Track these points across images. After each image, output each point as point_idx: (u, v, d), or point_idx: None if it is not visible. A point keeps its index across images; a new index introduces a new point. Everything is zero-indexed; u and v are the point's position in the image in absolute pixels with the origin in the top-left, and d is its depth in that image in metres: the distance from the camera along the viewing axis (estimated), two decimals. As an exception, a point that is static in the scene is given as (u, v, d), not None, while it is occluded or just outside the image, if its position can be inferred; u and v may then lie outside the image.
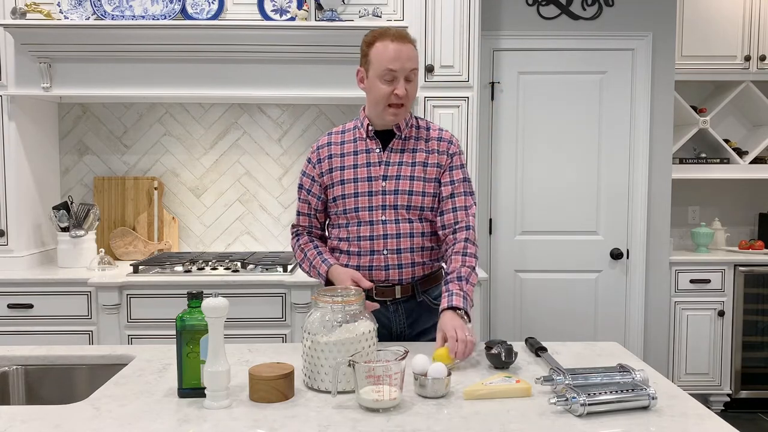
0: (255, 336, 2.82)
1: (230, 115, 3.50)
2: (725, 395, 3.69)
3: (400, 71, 1.82)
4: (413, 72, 1.86)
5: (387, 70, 1.82)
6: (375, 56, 1.84)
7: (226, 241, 3.53)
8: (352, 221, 1.92)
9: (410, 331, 1.97)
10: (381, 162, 1.92)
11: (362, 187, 1.91)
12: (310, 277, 2.02)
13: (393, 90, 1.83)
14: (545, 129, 3.55)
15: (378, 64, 1.83)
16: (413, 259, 1.91)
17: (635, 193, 3.56)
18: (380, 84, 1.84)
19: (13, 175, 3.04)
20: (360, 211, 1.90)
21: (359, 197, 1.90)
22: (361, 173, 1.91)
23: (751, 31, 3.75)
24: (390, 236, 1.89)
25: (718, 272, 3.63)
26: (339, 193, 1.92)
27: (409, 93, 1.86)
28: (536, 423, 1.30)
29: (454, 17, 3.04)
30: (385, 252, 1.89)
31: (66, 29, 2.89)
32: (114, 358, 1.76)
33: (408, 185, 1.90)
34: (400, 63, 1.82)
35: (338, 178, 1.93)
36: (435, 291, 1.99)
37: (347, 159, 1.94)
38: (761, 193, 4.11)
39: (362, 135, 1.95)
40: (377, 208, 1.90)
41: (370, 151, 1.93)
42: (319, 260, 1.93)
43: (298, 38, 2.93)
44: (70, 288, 2.87)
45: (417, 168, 1.92)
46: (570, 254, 3.58)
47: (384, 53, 1.82)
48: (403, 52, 1.83)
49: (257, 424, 1.29)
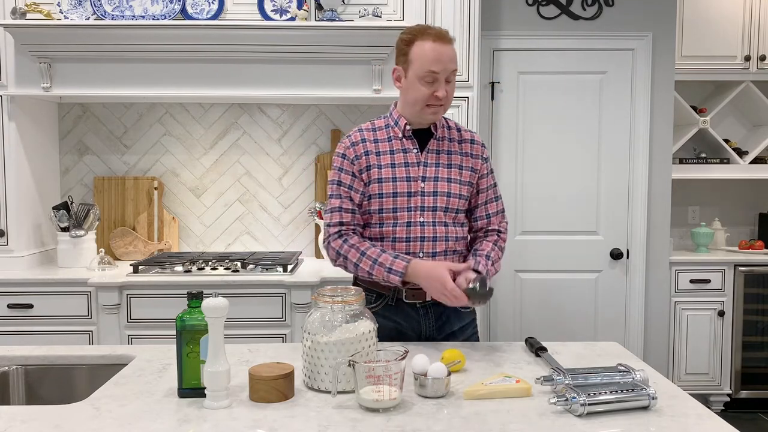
0: (255, 336, 2.82)
1: (230, 115, 3.50)
2: (725, 395, 3.69)
3: (441, 73, 1.79)
4: (453, 73, 1.83)
5: (429, 72, 1.79)
6: (415, 56, 1.80)
7: (226, 241, 3.53)
8: (387, 221, 1.88)
9: (438, 333, 1.93)
10: (419, 162, 1.89)
11: (401, 187, 1.86)
12: (367, 278, 1.87)
13: (433, 92, 1.80)
14: (545, 129, 3.55)
15: (419, 64, 1.79)
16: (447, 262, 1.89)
17: (635, 193, 3.56)
18: (420, 85, 1.81)
19: (13, 175, 3.04)
20: (398, 211, 1.86)
21: (398, 197, 1.86)
22: (400, 173, 1.87)
23: (751, 31, 3.75)
24: (426, 239, 1.87)
25: (718, 272, 3.63)
26: (375, 191, 1.87)
27: (448, 94, 1.83)
28: (536, 423, 1.30)
29: (454, 17, 3.04)
30: (421, 255, 1.86)
31: (66, 29, 2.89)
32: (114, 358, 1.76)
33: (446, 187, 1.88)
34: (443, 64, 1.79)
35: (375, 176, 1.87)
36: None
37: (384, 158, 1.88)
38: (761, 193, 4.11)
39: (397, 134, 1.91)
40: (416, 210, 1.86)
41: (408, 151, 1.89)
42: (389, 257, 1.81)
43: (298, 38, 2.93)
44: (70, 288, 2.87)
45: (453, 170, 1.90)
46: (570, 254, 3.58)
47: (426, 54, 1.78)
48: (446, 52, 1.80)
49: (257, 424, 1.29)
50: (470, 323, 1.99)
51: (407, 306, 1.90)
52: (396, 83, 1.90)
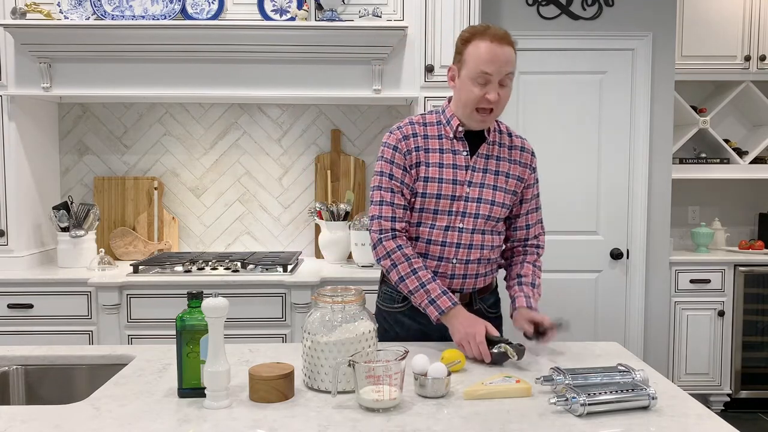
0: (255, 336, 2.82)
1: (230, 115, 3.50)
2: (725, 395, 3.69)
3: (495, 74, 1.72)
4: (509, 76, 1.75)
5: (481, 73, 1.72)
6: (470, 56, 1.74)
7: (226, 241, 3.53)
8: (425, 222, 1.84)
9: None
10: (468, 167, 1.83)
11: (446, 189, 1.81)
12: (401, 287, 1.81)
13: (484, 94, 1.73)
14: (545, 129, 3.54)
15: (472, 64, 1.73)
16: (478, 270, 1.87)
17: (635, 192, 3.56)
18: (472, 86, 1.74)
19: (13, 175, 3.04)
20: (439, 213, 1.82)
21: (441, 199, 1.81)
22: (447, 174, 1.81)
23: (751, 31, 3.75)
24: (462, 246, 1.83)
25: (718, 272, 3.63)
26: (420, 190, 1.81)
27: (501, 98, 1.76)
28: (536, 423, 1.29)
29: (454, 17, 3.04)
30: (454, 261, 1.84)
31: (66, 29, 2.89)
32: (114, 358, 1.76)
33: (491, 195, 1.83)
34: (496, 66, 1.71)
35: (422, 173, 1.81)
36: (490, 299, 1.97)
37: (432, 156, 1.82)
38: (761, 193, 4.11)
39: (448, 133, 1.84)
40: (457, 214, 1.82)
41: (457, 152, 1.83)
42: (437, 289, 1.77)
43: (298, 38, 2.93)
44: (70, 288, 2.87)
45: (500, 178, 1.85)
46: (570, 254, 3.58)
47: (480, 54, 1.72)
48: (501, 54, 1.72)
49: (257, 424, 1.29)
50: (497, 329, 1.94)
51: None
52: (450, 83, 1.84)
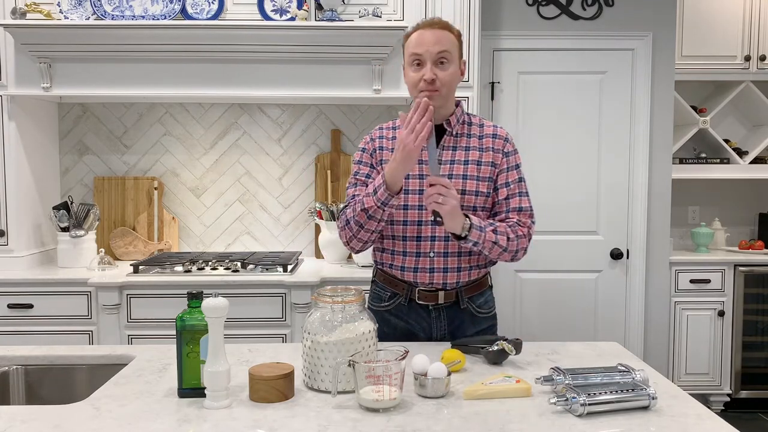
0: (255, 336, 2.82)
1: (230, 115, 3.50)
2: (725, 395, 3.69)
3: (425, 54, 1.78)
4: (444, 55, 1.78)
5: (413, 55, 1.80)
6: (407, 47, 1.85)
7: (226, 241, 3.53)
8: (398, 220, 1.85)
9: (451, 338, 1.90)
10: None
11: (413, 185, 1.83)
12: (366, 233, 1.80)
13: (421, 76, 1.78)
14: (545, 129, 3.55)
15: (407, 51, 1.84)
16: (459, 263, 1.85)
17: (635, 192, 3.56)
18: (410, 72, 1.82)
19: (13, 175, 3.04)
20: (409, 209, 1.84)
21: (409, 195, 1.83)
22: (412, 170, 1.83)
23: (751, 31, 3.75)
24: (438, 238, 1.83)
25: (718, 272, 3.63)
26: None
27: (440, 77, 1.78)
28: (536, 423, 1.29)
29: (454, 17, 3.04)
30: (432, 254, 1.83)
31: (66, 29, 2.89)
32: (114, 358, 1.76)
33: (461, 184, 1.83)
34: (425, 47, 1.78)
35: None
36: (480, 298, 1.93)
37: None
38: (761, 193, 4.11)
39: None
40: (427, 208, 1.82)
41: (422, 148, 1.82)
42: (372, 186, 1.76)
43: (298, 38, 2.93)
44: (70, 288, 2.87)
45: (470, 166, 1.85)
46: (570, 254, 3.58)
47: (411, 40, 1.82)
48: (430, 36, 1.78)
49: (257, 424, 1.29)
50: (488, 329, 1.95)
51: (420, 307, 1.89)
52: (404, 79, 1.90)
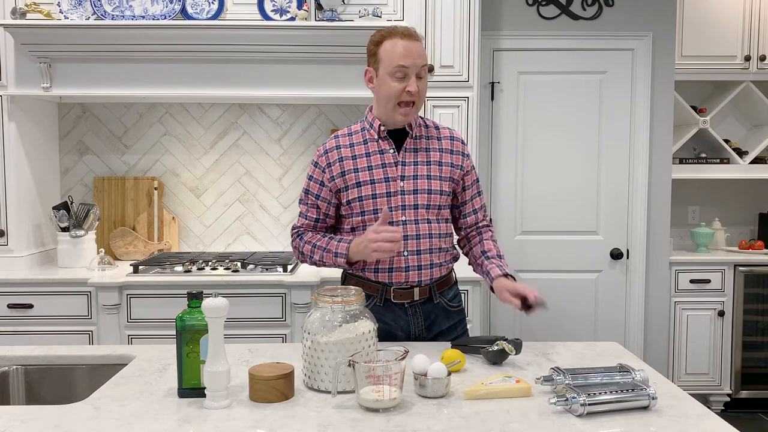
0: (255, 336, 2.81)
1: (230, 115, 3.50)
2: (725, 395, 3.69)
3: (411, 68, 1.81)
4: (423, 69, 1.84)
5: (398, 67, 1.80)
6: (385, 54, 1.82)
7: (226, 241, 3.53)
8: (369, 224, 1.87)
9: (428, 333, 1.94)
10: (397, 162, 1.89)
11: (380, 188, 1.87)
12: (322, 267, 1.98)
13: (405, 87, 1.81)
14: (545, 129, 3.55)
15: (389, 61, 1.81)
16: (432, 260, 1.90)
17: (635, 193, 3.56)
18: (391, 81, 1.82)
19: (13, 175, 3.04)
20: (378, 213, 1.86)
21: (378, 198, 1.87)
22: (378, 174, 1.88)
23: (751, 31, 3.75)
24: (410, 237, 1.87)
25: (718, 272, 3.63)
26: (355, 195, 1.88)
27: (420, 90, 1.84)
28: (536, 423, 1.30)
29: (454, 17, 3.04)
30: (406, 253, 1.87)
31: (66, 29, 2.89)
32: (114, 358, 1.76)
33: (427, 184, 1.89)
34: (411, 59, 1.80)
35: (353, 180, 1.88)
36: (450, 293, 1.98)
37: (360, 161, 1.89)
38: (761, 193, 4.11)
39: (373, 136, 1.91)
40: (396, 209, 1.87)
41: (384, 151, 1.90)
42: (334, 243, 1.89)
43: (298, 38, 2.93)
44: (70, 288, 2.87)
45: (433, 167, 1.91)
46: (570, 254, 3.58)
47: (394, 50, 1.81)
48: (415, 48, 1.82)
49: (257, 424, 1.29)
50: (459, 322, 2.00)
51: (395, 306, 1.91)
52: (368, 84, 1.91)
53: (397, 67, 1.80)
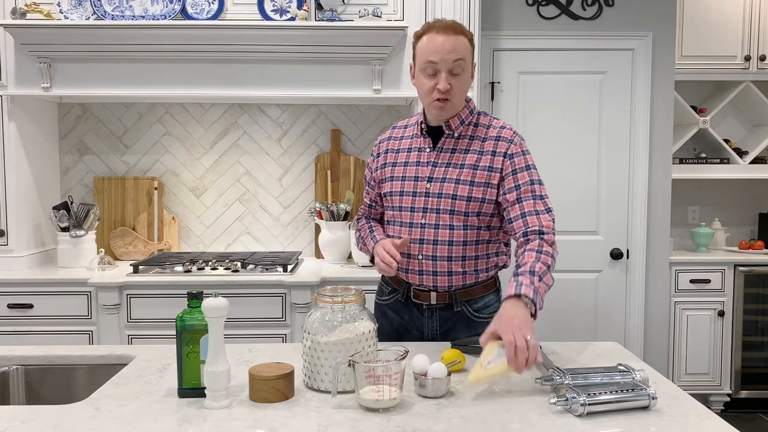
0: (255, 336, 2.82)
1: (230, 115, 3.50)
2: (725, 395, 3.69)
3: (441, 63, 1.73)
4: (458, 64, 1.74)
5: (428, 63, 1.75)
6: (419, 49, 1.79)
7: (226, 241, 3.53)
8: (392, 220, 1.89)
9: (443, 338, 1.89)
10: (429, 162, 1.84)
11: (407, 187, 1.85)
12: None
13: (434, 84, 1.75)
14: (545, 129, 3.54)
15: (421, 57, 1.77)
16: (450, 267, 1.82)
17: (635, 193, 3.56)
18: (423, 78, 1.78)
19: (13, 175, 3.04)
20: (402, 210, 1.85)
21: (403, 196, 1.85)
22: (410, 172, 1.85)
23: (751, 31, 3.75)
24: (426, 241, 1.82)
25: (718, 272, 3.63)
26: (389, 189, 1.89)
27: (454, 88, 1.75)
28: (536, 423, 1.30)
29: (454, 17, 3.04)
30: (420, 257, 1.83)
31: (66, 29, 2.89)
32: (114, 358, 1.76)
33: (452, 189, 1.80)
34: (440, 55, 1.73)
35: (389, 174, 1.89)
36: (478, 303, 1.88)
37: (401, 155, 1.88)
38: (761, 193, 4.11)
39: (418, 132, 1.89)
40: (418, 210, 1.83)
41: (422, 149, 1.86)
42: (369, 237, 1.96)
43: (298, 38, 2.93)
44: (70, 288, 2.87)
45: (465, 171, 1.80)
46: (570, 254, 3.57)
47: (426, 45, 1.76)
48: (446, 42, 1.73)
49: (257, 424, 1.29)
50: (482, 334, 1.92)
51: (414, 305, 1.91)
52: (412, 80, 1.87)
53: (426, 63, 1.75)
